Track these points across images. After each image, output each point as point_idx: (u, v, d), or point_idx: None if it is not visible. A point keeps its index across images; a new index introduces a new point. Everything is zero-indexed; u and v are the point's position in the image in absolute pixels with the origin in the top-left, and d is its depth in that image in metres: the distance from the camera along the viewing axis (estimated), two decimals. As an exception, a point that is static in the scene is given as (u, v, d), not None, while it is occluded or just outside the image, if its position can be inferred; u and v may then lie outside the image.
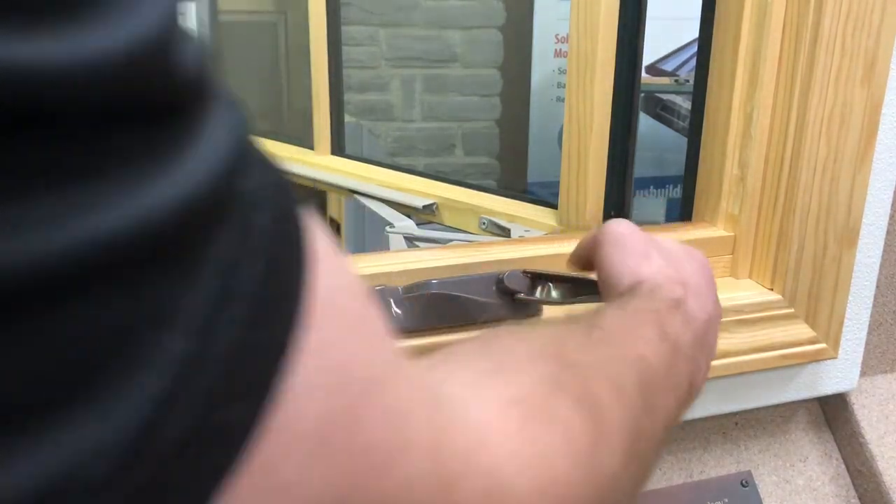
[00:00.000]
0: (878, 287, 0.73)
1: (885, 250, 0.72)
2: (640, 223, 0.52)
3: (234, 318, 0.17)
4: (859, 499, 0.74)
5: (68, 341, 0.14)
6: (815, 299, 0.67)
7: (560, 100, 2.23)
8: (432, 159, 2.45)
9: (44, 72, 0.14)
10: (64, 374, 0.14)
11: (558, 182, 0.86)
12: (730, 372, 0.66)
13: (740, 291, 0.67)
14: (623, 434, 0.32)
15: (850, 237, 0.66)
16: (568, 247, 0.66)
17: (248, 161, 0.18)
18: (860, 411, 0.75)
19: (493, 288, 0.59)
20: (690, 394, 0.44)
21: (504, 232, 0.97)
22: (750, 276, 0.70)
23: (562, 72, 2.24)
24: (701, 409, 0.69)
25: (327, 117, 1.45)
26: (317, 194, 1.47)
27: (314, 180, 1.39)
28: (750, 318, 0.66)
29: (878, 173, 0.68)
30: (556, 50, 2.23)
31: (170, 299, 0.16)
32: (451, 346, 0.34)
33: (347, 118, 1.85)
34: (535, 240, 0.71)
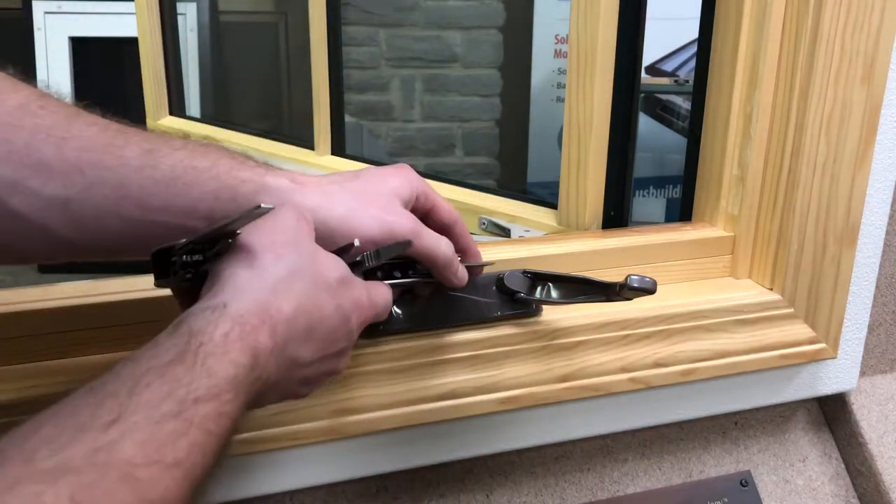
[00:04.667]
0: (877, 287, 0.74)
1: (884, 250, 0.72)
2: (639, 223, 0.52)
3: None
4: (859, 498, 0.74)
5: None
6: (814, 299, 0.67)
7: (560, 100, 2.23)
8: (432, 159, 2.45)
9: None
10: None
11: (558, 182, 0.86)
12: (729, 372, 0.66)
13: (740, 291, 0.68)
14: None
15: (849, 237, 0.67)
16: (568, 247, 0.66)
17: None
18: (860, 411, 0.75)
19: (493, 288, 0.59)
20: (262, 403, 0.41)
21: (504, 232, 0.97)
22: (749, 276, 0.70)
23: (562, 72, 2.24)
24: (701, 409, 0.69)
25: (327, 117, 1.45)
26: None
27: (314, 180, 1.38)
28: (749, 318, 0.66)
29: (877, 173, 0.68)
30: (556, 50, 2.23)
31: None
32: None
33: (347, 118, 1.85)
34: (535, 240, 0.71)
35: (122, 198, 0.43)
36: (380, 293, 0.48)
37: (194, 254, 0.41)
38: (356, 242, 0.46)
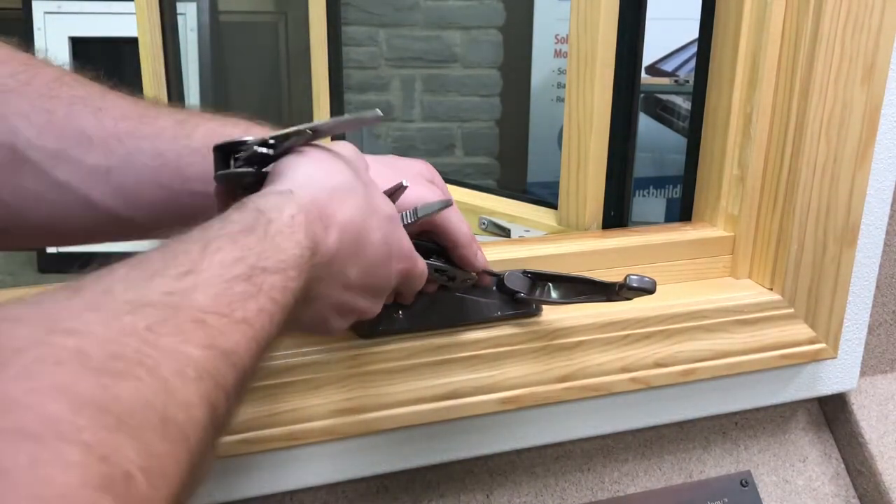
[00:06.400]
0: (877, 287, 0.73)
1: (884, 250, 0.72)
2: (639, 223, 0.52)
3: None
4: (859, 499, 0.74)
5: None
6: (814, 299, 0.67)
7: (560, 100, 2.23)
8: (432, 159, 2.44)
9: None
10: None
11: (558, 182, 0.86)
12: (730, 372, 0.66)
13: (740, 291, 0.68)
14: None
15: (849, 237, 0.67)
16: (568, 247, 0.66)
17: None
18: (860, 411, 0.75)
19: (493, 288, 0.59)
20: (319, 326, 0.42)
21: (504, 232, 0.97)
22: (749, 276, 0.70)
23: (562, 72, 2.24)
24: (701, 409, 0.69)
25: (328, 117, 1.45)
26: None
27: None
28: (750, 318, 0.66)
29: (877, 173, 0.68)
30: (556, 50, 2.23)
31: None
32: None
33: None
34: (535, 240, 0.71)
35: (161, 166, 0.44)
36: (420, 257, 0.48)
37: (265, 147, 0.41)
38: (405, 182, 0.47)
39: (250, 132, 0.45)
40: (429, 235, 0.52)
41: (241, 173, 0.41)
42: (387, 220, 0.44)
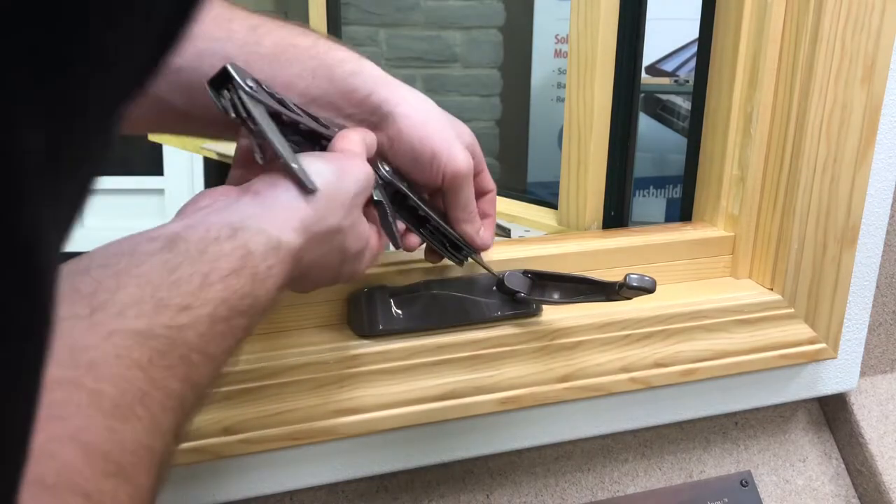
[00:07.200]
0: (877, 287, 0.73)
1: (884, 250, 0.72)
2: (639, 223, 0.52)
3: None
4: (859, 498, 0.74)
5: None
6: (814, 299, 0.67)
7: (560, 100, 2.23)
8: (432, 159, 2.44)
9: None
10: None
11: (558, 182, 0.86)
12: (730, 372, 0.66)
13: (740, 291, 0.67)
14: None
15: (849, 237, 0.67)
16: (568, 247, 0.66)
17: None
18: (860, 411, 0.75)
19: (493, 288, 0.59)
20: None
21: (504, 232, 0.97)
22: (750, 276, 0.70)
23: (562, 72, 2.24)
24: (701, 409, 0.69)
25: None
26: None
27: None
28: (750, 318, 0.66)
29: (877, 173, 0.68)
30: (556, 50, 2.23)
31: None
32: None
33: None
34: (535, 240, 0.71)
35: None
36: (367, 264, 0.50)
37: (240, 116, 0.41)
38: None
39: (318, 45, 0.47)
40: (440, 199, 0.53)
41: (220, 107, 0.42)
42: (353, 256, 0.46)
